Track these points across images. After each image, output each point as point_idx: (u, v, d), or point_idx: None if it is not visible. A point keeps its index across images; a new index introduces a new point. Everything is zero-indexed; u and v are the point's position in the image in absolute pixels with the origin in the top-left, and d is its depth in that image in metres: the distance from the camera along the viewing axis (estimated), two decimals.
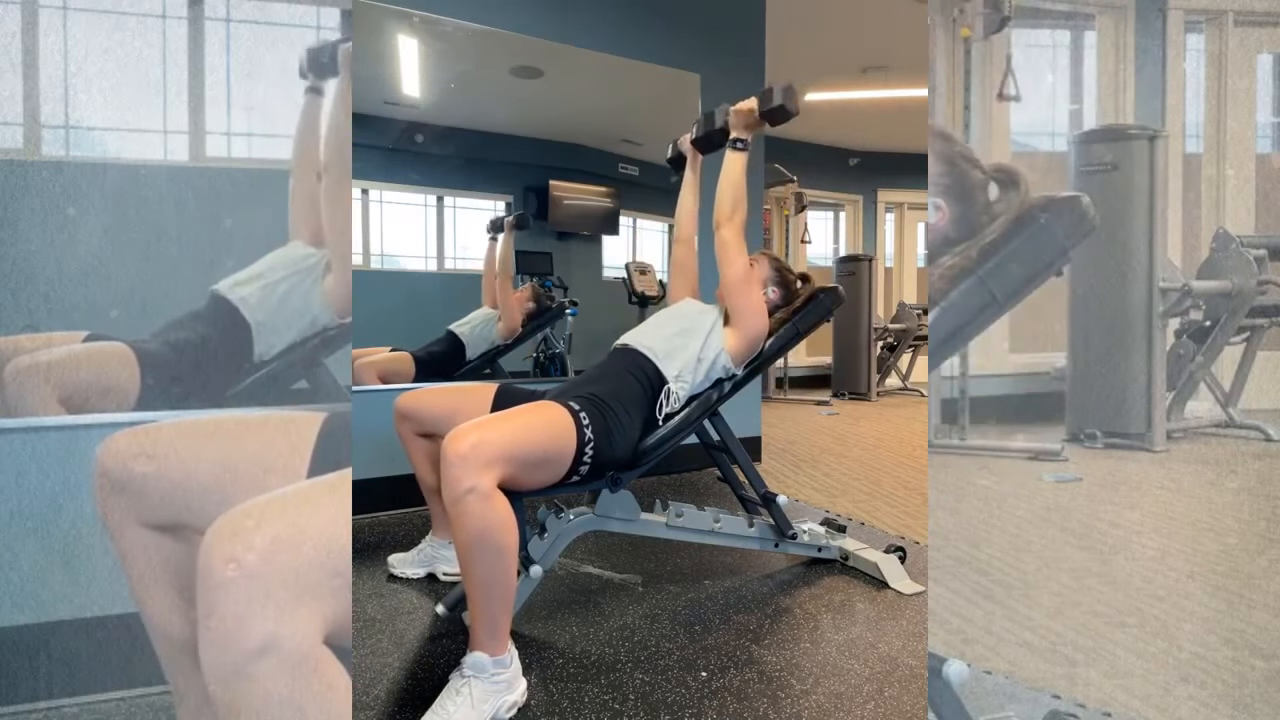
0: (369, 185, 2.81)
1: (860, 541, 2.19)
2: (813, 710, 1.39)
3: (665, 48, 3.34)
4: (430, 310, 3.02)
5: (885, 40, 5.04)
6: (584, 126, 3.30)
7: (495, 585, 1.32)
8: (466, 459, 1.29)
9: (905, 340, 6.68)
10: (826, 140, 7.46)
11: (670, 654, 1.61)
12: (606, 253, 3.46)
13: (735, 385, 1.92)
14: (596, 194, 3.35)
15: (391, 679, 1.50)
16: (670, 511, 1.86)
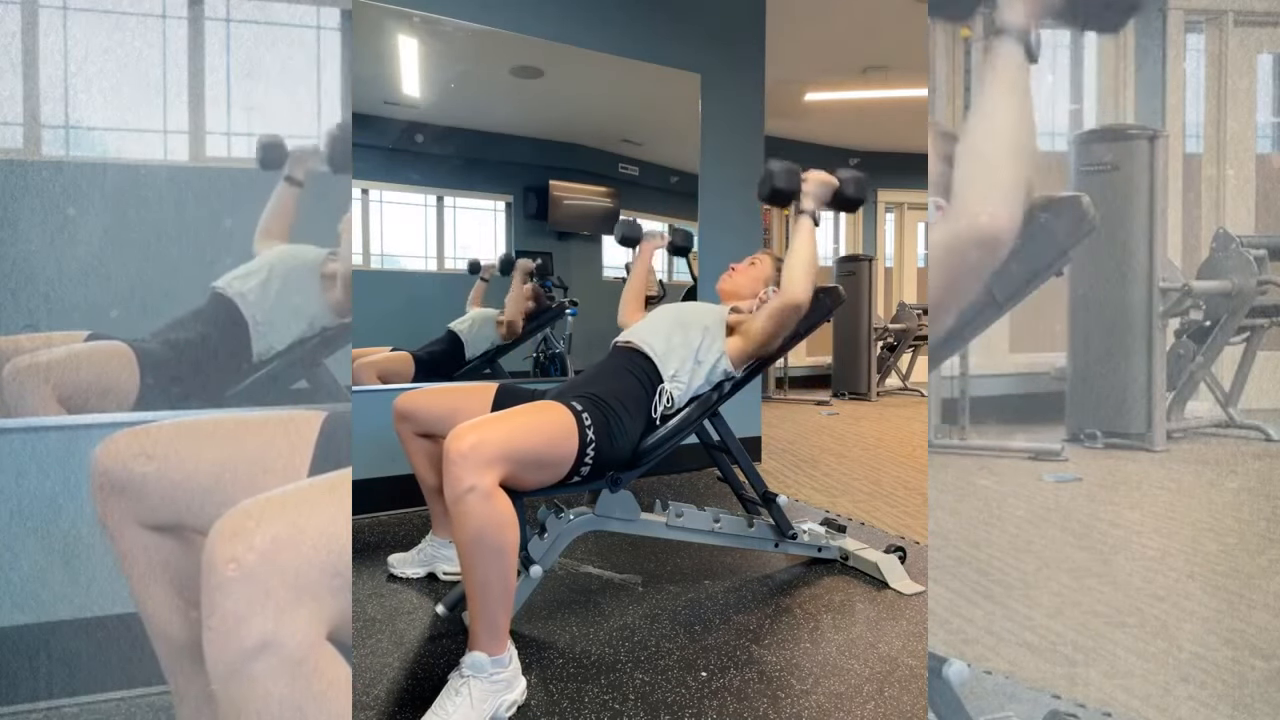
0: (369, 185, 2.80)
1: (860, 541, 2.19)
2: (813, 710, 1.39)
3: (665, 48, 3.34)
4: (430, 310, 3.02)
5: (885, 40, 5.04)
6: (584, 126, 3.30)
7: (495, 585, 1.32)
8: (468, 458, 1.29)
9: (905, 340, 6.68)
10: (826, 140, 7.46)
11: (670, 654, 1.61)
12: (606, 253, 3.46)
13: (735, 386, 1.92)
14: (596, 194, 3.35)
15: (391, 679, 1.50)
16: (670, 511, 1.86)
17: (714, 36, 3.49)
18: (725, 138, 3.51)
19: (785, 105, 6.10)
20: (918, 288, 8.21)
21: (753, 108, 3.64)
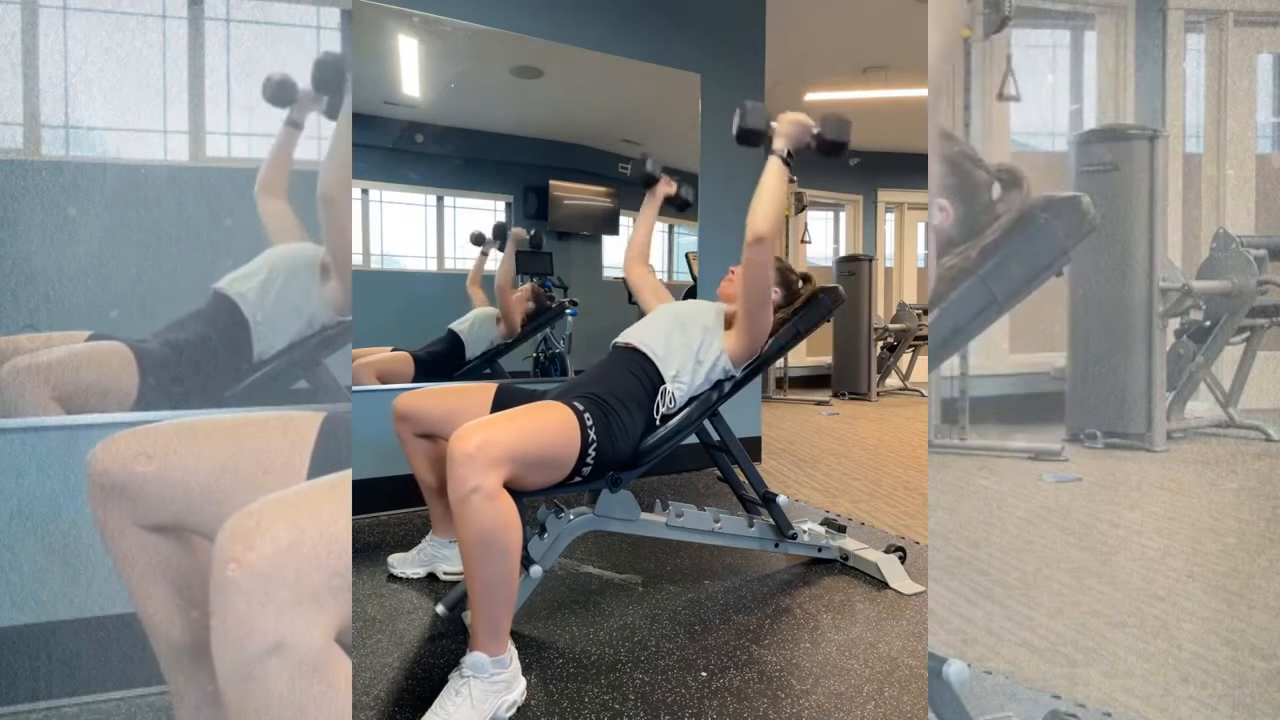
0: (369, 185, 2.80)
1: (860, 541, 2.19)
2: (813, 710, 1.39)
3: (665, 48, 3.34)
4: (430, 310, 3.02)
5: (885, 40, 5.04)
6: (584, 126, 3.30)
7: (497, 585, 1.32)
8: (473, 458, 1.29)
9: (905, 340, 6.68)
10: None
11: (670, 654, 1.61)
12: (606, 253, 3.46)
13: (735, 385, 1.92)
14: (596, 194, 3.35)
15: (391, 679, 1.50)
16: (670, 511, 1.86)
17: (714, 36, 3.49)
18: (725, 138, 3.49)
19: (785, 105, 6.06)
20: (918, 288, 8.21)
21: None
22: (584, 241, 3.37)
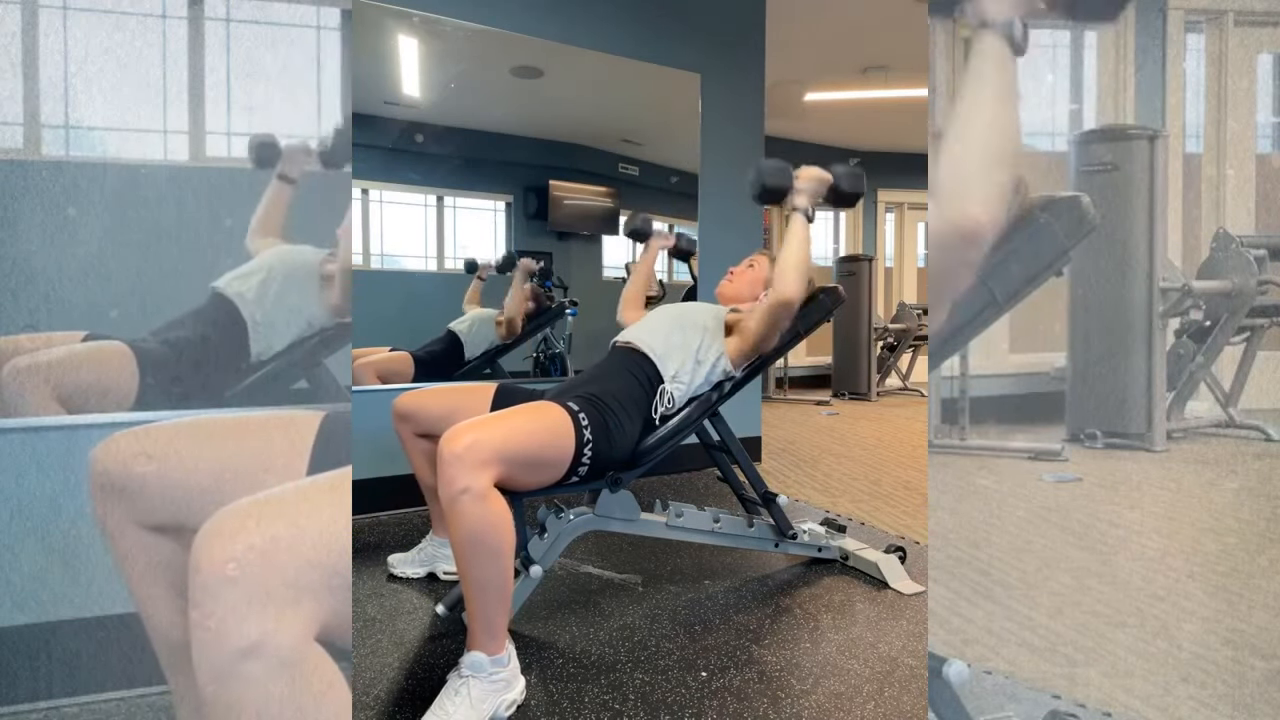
0: (369, 185, 2.80)
1: (860, 541, 2.19)
2: (813, 710, 1.39)
3: (665, 48, 3.34)
4: (430, 310, 3.02)
5: (885, 40, 5.04)
6: (584, 126, 3.30)
7: (491, 585, 1.32)
8: (462, 459, 1.29)
9: (905, 340, 6.68)
10: (826, 140, 7.46)
11: (670, 654, 1.61)
12: (606, 253, 3.46)
13: (735, 386, 1.92)
14: (596, 194, 3.35)
15: (391, 679, 1.50)
16: (670, 511, 1.86)
17: (714, 36, 3.49)
18: (725, 138, 3.51)
19: (785, 105, 6.09)
20: (918, 288, 8.21)
21: (753, 108, 3.63)
22: (584, 241, 3.37)
